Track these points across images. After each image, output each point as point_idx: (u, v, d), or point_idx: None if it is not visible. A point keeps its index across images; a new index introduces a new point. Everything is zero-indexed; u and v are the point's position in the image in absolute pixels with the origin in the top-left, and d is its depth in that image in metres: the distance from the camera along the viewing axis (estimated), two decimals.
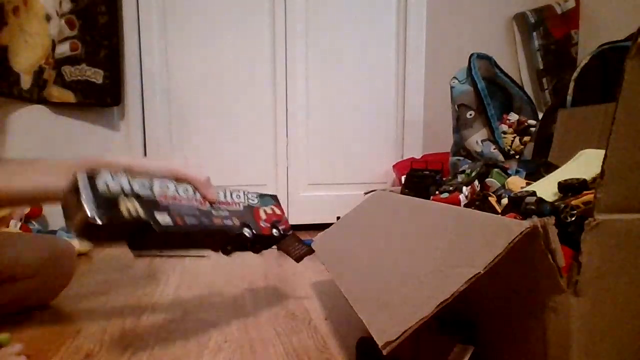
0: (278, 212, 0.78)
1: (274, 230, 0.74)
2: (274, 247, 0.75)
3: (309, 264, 1.11)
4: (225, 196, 0.72)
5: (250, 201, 0.76)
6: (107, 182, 0.55)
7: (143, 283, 0.94)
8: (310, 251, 0.79)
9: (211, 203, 0.66)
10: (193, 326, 0.70)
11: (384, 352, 0.38)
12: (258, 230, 0.71)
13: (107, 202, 0.53)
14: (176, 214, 0.60)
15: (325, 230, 0.88)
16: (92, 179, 0.53)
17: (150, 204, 0.57)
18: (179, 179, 0.65)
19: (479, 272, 0.38)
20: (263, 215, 0.75)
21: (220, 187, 0.73)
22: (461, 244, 0.45)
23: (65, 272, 0.80)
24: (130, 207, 0.54)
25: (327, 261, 0.75)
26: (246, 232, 0.68)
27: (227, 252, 0.68)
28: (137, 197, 0.56)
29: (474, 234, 0.45)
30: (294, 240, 0.78)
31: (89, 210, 0.50)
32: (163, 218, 0.57)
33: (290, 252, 0.78)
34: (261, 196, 0.79)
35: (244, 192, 0.77)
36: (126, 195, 0.55)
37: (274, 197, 0.81)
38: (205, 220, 0.64)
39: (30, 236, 0.80)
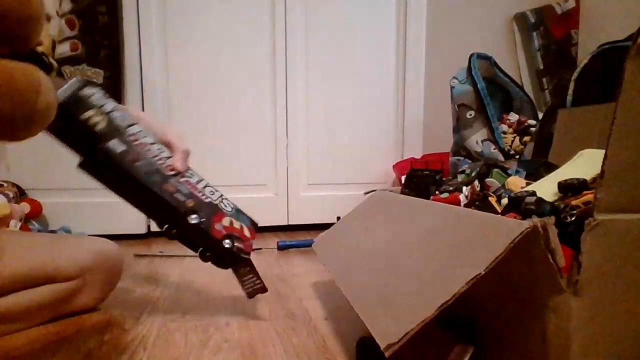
0: (247, 233, 0.72)
1: (227, 241, 0.66)
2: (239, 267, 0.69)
3: (309, 264, 1.11)
4: (198, 182, 0.68)
5: (221, 204, 0.70)
6: (94, 94, 0.58)
7: (143, 283, 0.94)
8: (264, 290, 0.72)
9: (176, 173, 0.65)
10: (193, 326, 0.70)
11: (386, 355, 0.38)
12: (208, 227, 0.64)
13: (80, 102, 0.56)
14: (131, 153, 0.59)
15: (326, 230, 0.88)
16: (85, 85, 0.57)
17: (116, 131, 0.59)
18: (162, 140, 0.66)
19: (480, 273, 0.38)
20: (225, 223, 0.68)
21: (203, 179, 0.71)
22: (461, 245, 0.45)
23: (112, 276, 0.77)
24: (94, 119, 0.57)
25: (327, 262, 0.75)
26: (193, 218, 0.63)
27: (170, 236, 0.63)
28: (109, 119, 0.58)
29: (474, 234, 0.45)
30: (252, 272, 0.70)
31: (60, 93, 0.53)
32: (116, 146, 0.58)
33: (243, 284, 0.71)
34: (238, 210, 0.74)
35: (221, 195, 0.72)
36: (101, 111, 0.58)
37: (253, 222, 0.75)
38: (157, 179, 0.61)
39: (75, 238, 0.76)
